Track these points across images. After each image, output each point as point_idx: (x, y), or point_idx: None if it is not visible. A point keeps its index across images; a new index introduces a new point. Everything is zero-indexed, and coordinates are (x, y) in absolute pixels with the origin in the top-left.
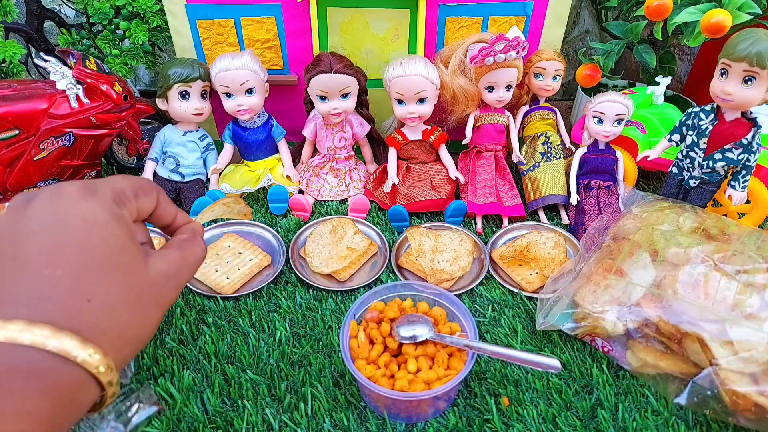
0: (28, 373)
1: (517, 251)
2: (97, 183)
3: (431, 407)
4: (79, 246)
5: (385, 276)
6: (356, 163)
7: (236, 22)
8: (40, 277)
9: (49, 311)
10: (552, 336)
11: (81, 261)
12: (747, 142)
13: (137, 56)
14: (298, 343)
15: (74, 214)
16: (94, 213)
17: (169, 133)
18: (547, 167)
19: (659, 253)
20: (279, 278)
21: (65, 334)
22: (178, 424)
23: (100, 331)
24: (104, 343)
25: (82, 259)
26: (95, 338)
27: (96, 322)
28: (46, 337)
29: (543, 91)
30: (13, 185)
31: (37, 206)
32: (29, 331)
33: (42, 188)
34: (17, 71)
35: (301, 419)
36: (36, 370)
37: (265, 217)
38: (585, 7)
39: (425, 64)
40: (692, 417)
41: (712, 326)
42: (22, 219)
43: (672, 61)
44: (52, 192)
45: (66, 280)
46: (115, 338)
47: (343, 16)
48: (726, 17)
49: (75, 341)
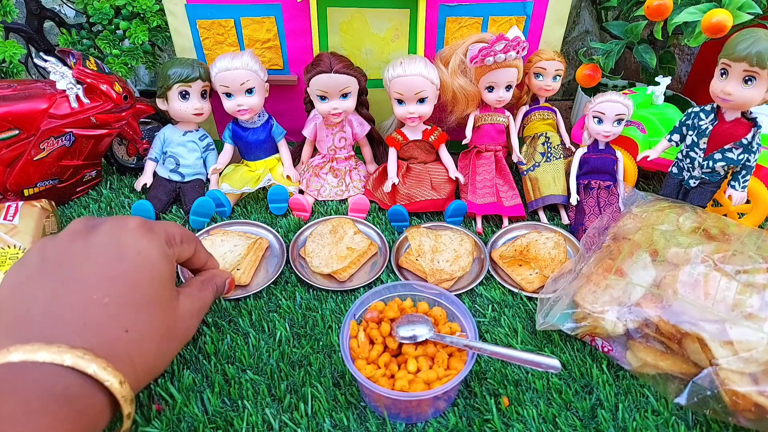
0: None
1: (517, 251)
2: (153, 224)
3: (431, 407)
4: (130, 278)
5: (385, 276)
6: (356, 163)
7: (236, 22)
8: (88, 301)
9: (89, 337)
10: (552, 336)
11: (128, 293)
12: (747, 142)
13: (137, 56)
14: (298, 343)
15: (133, 248)
16: (150, 250)
17: (169, 133)
18: (547, 167)
19: (659, 253)
20: (279, 278)
21: (101, 361)
22: (178, 424)
23: (130, 361)
24: (129, 371)
25: (130, 291)
26: (124, 367)
27: (128, 353)
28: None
29: (543, 91)
30: (13, 185)
31: (101, 234)
32: (70, 353)
33: (106, 218)
34: (17, 71)
35: (301, 419)
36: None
37: (265, 217)
38: (585, 7)
39: (425, 64)
40: (692, 417)
41: (712, 326)
42: (84, 244)
43: (672, 61)
44: (116, 223)
45: (111, 308)
46: (141, 369)
47: (343, 16)
48: (726, 17)
49: (107, 368)
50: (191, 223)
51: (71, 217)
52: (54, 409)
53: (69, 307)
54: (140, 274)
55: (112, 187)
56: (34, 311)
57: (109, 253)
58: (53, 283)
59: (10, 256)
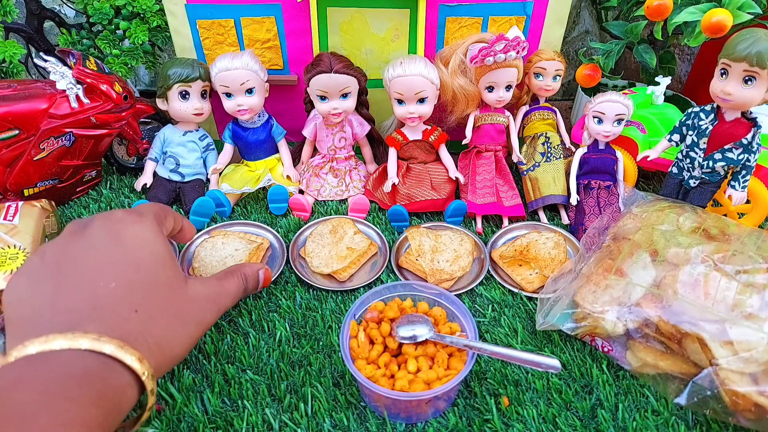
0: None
1: (517, 251)
2: (138, 208)
3: (431, 407)
4: (131, 261)
5: (385, 276)
6: (356, 163)
7: (236, 22)
8: (96, 288)
9: (101, 320)
10: (552, 336)
11: (133, 274)
12: (747, 142)
13: (137, 56)
14: (298, 343)
15: (127, 234)
16: (144, 232)
17: (169, 133)
18: (547, 167)
19: (659, 253)
20: (279, 278)
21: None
22: (178, 424)
23: (144, 339)
24: (145, 350)
25: (134, 272)
26: (138, 346)
27: (141, 331)
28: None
29: (543, 91)
30: (13, 185)
31: (95, 228)
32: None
33: (94, 215)
34: (17, 71)
35: (301, 419)
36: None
37: (265, 217)
38: (585, 7)
39: (425, 64)
40: (692, 417)
41: (712, 326)
42: (80, 240)
43: (672, 61)
44: (105, 216)
45: (118, 291)
46: (155, 347)
47: (343, 16)
48: (726, 17)
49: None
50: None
51: (71, 217)
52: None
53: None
54: (140, 255)
55: (112, 187)
56: (43, 309)
57: (107, 243)
58: (57, 280)
59: (10, 256)
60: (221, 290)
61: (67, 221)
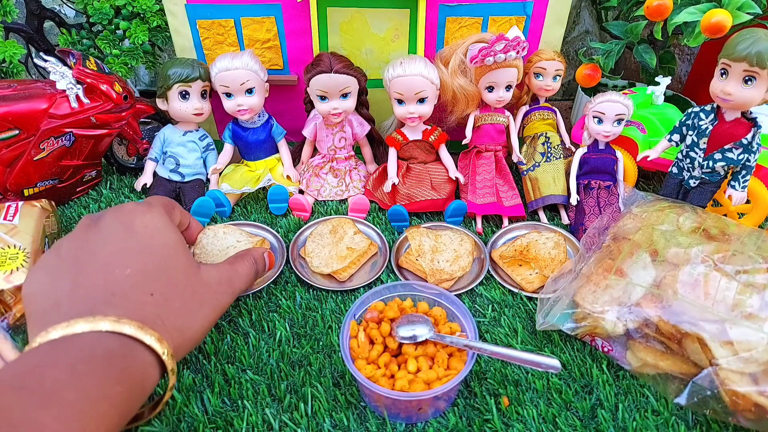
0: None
1: (517, 251)
2: (147, 200)
3: (431, 407)
4: (144, 248)
5: (385, 276)
6: (356, 163)
7: (236, 22)
8: (112, 276)
9: (119, 305)
10: (552, 336)
11: (146, 260)
12: (747, 142)
13: (137, 56)
14: (298, 343)
15: (139, 223)
16: (155, 221)
17: (169, 133)
18: (547, 167)
19: (659, 253)
20: (279, 278)
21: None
22: (178, 424)
23: (161, 322)
24: (163, 332)
25: (147, 258)
26: (157, 327)
27: (158, 314)
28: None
29: (543, 91)
30: (13, 185)
31: (107, 220)
32: (106, 320)
33: (106, 209)
34: (17, 71)
35: (301, 419)
36: (112, 356)
37: (265, 217)
38: (585, 7)
39: (425, 64)
40: (692, 417)
41: (712, 326)
42: (94, 233)
43: (672, 61)
44: (116, 209)
45: (133, 277)
46: (172, 329)
47: (343, 16)
48: (726, 17)
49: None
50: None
51: (71, 217)
52: (100, 370)
53: (95, 286)
54: (153, 242)
55: (112, 187)
56: (62, 299)
57: (120, 233)
58: (75, 272)
59: (10, 256)
60: (234, 273)
61: (67, 221)
